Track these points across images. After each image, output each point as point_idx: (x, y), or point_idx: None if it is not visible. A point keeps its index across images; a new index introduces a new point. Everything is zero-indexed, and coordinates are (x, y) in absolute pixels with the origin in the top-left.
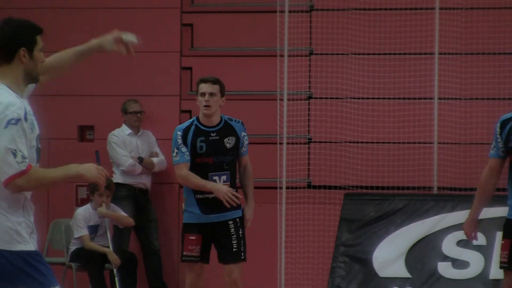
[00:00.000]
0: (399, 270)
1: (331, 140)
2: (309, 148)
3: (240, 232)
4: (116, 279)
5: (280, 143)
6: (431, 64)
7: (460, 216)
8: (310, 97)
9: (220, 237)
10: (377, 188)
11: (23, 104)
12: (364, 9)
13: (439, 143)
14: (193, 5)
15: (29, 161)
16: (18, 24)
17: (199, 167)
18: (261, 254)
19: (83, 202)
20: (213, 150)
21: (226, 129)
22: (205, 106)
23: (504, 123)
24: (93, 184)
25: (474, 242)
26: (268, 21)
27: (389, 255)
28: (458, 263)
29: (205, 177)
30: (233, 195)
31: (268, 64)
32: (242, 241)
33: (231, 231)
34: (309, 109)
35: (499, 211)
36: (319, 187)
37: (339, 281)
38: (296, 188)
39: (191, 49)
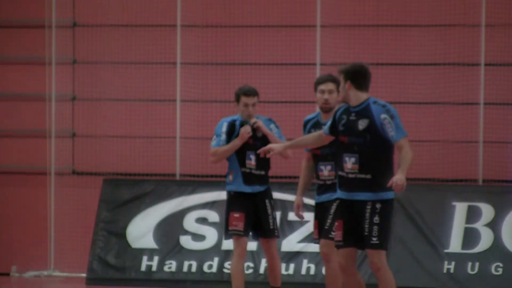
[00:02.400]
0: (149, 242)
1: (93, 134)
2: (73, 141)
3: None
4: None
5: (50, 137)
6: (174, 72)
7: (198, 198)
8: (74, 99)
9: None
10: (130, 174)
11: None
12: None
13: (181, 137)
14: None
15: None
16: None
17: None
18: (32, 230)
19: None
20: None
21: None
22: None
23: (305, 123)
24: None
25: (210, 219)
26: None
27: (140, 230)
28: (197, 237)
29: None
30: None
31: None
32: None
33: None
34: (73, 106)
35: None
36: (83, 173)
37: (99, 251)
38: (62, 174)
39: None
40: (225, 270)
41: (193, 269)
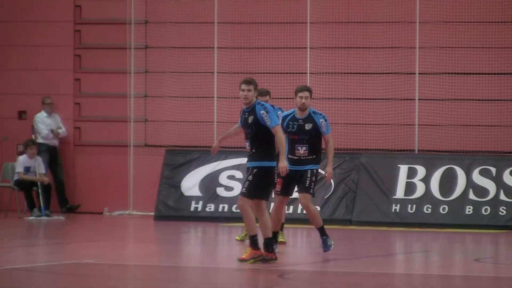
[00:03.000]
0: (196, 192)
1: (158, 120)
2: (145, 124)
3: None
4: (40, 195)
5: (129, 121)
6: (212, 78)
7: (229, 162)
8: (146, 96)
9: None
10: (183, 146)
11: None
12: None
13: (217, 122)
14: None
15: None
16: None
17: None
18: (118, 183)
19: (21, 153)
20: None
21: None
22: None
23: (284, 118)
24: (26, 143)
25: (237, 176)
26: None
27: (190, 183)
28: (228, 188)
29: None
30: None
31: None
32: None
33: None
34: (145, 101)
35: None
36: (151, 146)
37: (162, 198)
38: (138, 146)
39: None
40: None
41: (225, 210)
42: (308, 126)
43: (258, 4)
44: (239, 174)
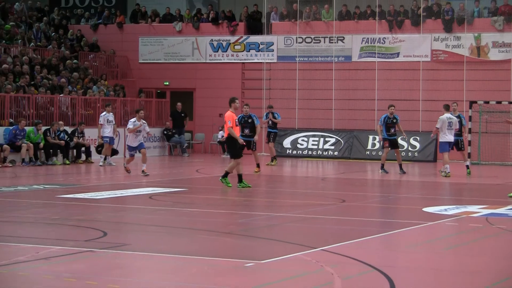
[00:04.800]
0: (288, 145)
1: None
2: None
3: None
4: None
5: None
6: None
7: (301, 134)
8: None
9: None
10: (285, 128)
11: None
12: None
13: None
14: None
15: None
16: None
17: None
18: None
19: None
20: None
21: None
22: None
23: (384, 119)
24: (222, 126)
25: (304, 140)
26: None
27: (286, 142)
28: (301, 144)
29: None
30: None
31: None
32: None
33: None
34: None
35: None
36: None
37: (276, 148)
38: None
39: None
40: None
41: (300, 153)
42: (395, 120)
43: (314, 72)
44: (305, 139)
